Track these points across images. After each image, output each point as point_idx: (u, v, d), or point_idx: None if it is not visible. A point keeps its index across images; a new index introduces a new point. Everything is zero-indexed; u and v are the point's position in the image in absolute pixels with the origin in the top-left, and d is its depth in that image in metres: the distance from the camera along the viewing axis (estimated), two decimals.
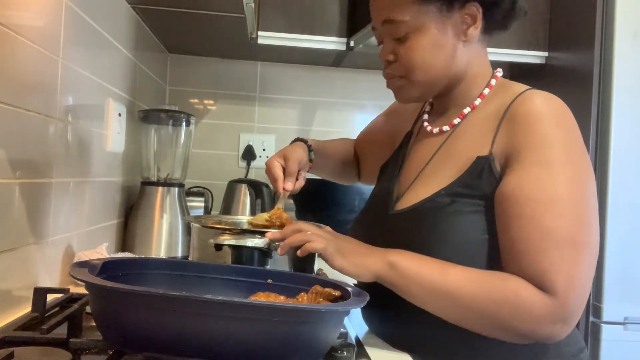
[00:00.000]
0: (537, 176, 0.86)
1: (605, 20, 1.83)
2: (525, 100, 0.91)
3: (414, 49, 0.95)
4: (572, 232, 0.85)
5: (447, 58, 0.96)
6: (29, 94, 1.02)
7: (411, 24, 0.93)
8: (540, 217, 0.85)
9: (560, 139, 0.88)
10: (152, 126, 1.79)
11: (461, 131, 0.99)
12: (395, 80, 1.00)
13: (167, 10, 1.68)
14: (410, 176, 1.03)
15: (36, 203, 1.07)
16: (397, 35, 0.95)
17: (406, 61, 0.96)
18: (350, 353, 0.84)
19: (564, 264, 0.84)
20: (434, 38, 0.94)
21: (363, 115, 2.43)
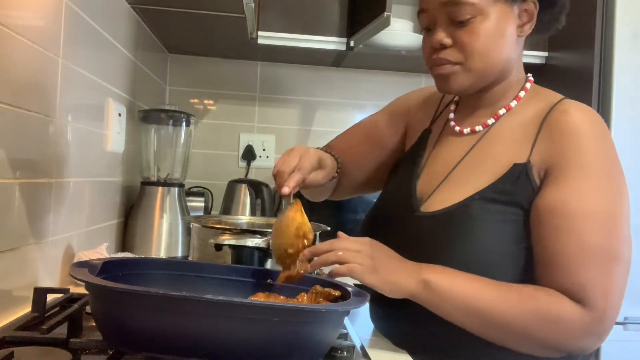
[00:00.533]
0: (579, 190, 0.86)
1: (605, 20, 1.83)
2: (565, 112, 0.91)
3: (477, 34, 0.91)
4: (610, 247, 0.85)
5: (505, 49, 0.94)
6: (29, 94, 1.02)
7: (477, 7, 0.90)
8: (580, 231, 0.85)
9: (602, 154, 0.90)
10: (152, 126, 1.79)
11: (495, 134, 0.97)
12: (448, 67, 0.93)
13: (167, 10, 1.68)
14: (436, 177, 0.99)
15: (36, 203, 1.07)
16: (459, 17, 0.90)
17: (467, 46, 0.91)
18: (350, 353, 0.84)
19: (601, 279, 0.84)
20: (496, 26, 0.91)
21: (363, 115, 2.42)
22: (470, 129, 0.99)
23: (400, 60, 2.18)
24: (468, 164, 0.96)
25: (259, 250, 1.08)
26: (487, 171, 0.93)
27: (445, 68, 0.94)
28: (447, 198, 0.95)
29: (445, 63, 0.93)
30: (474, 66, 0.92)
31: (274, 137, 2.36)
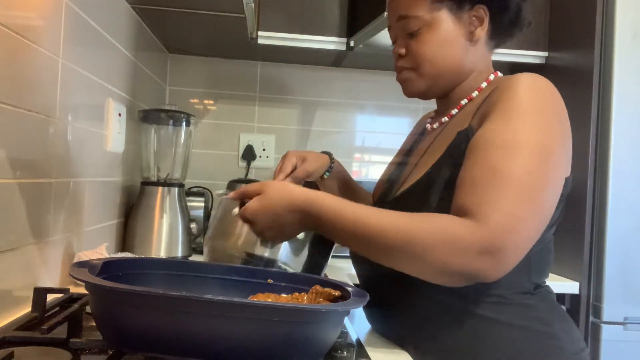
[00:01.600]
0: (499, 124, 0.88)
1: (605, 20, 1.83)
2: (510, 77, 0.94)
3: (424, 43, 1.01)
4: (523, 180, 0.83)
5: (455, 54, 1.01)
6: (29, 94, 1.02)
7: (423, 19, 1.00)
8: (493, 158, 0.85)
9: (531, 99, 0.89)
10: (152, 126, 1.79)
11: (455, 119, 1.03)
12: (404, 73, 1.05)
13: (167, 10, 1.68)
14: (409, 168, 1.08)
15: (36, 203, 1.07)
16: (410, 30, 1.01)
17: (416, 54, 1.02)
18: (350, 353, 0.84)
19: (504, 203, 0.82)
20: (443, 34, 1.00)
21: (363, 115, 2.43)
22: (439, 122, 1.07)
23: None
24: (431, 149, 1.03)
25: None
26: (442, 148, 0.98)
27: (403, 74, 1.05)
28: (411, 180, 1.02)
29: (403, 70, 1.05)
30: (425, 71, 1.02)
31: (274, 137, 2.36)
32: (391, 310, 0.99)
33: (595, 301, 1.82)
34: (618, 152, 1.80)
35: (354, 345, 0.88)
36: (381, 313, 1.03)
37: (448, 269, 0.83)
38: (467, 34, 1.01)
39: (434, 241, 0.82)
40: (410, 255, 0.84)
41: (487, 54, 1.06)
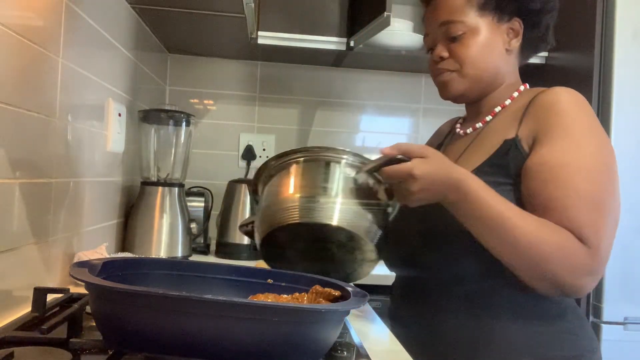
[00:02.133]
0: (562, 147, 0.96)
1: (605, 20, 1.83)
2: (549, 91, 1.03)
3: (468, 46, 1.07)
4: (600, 197, 0.94)
5: (494, 60, 1.09)
6: (29, 94, 1.02)
7: (468, 24, 1.07)
8: (573, 179, 0.94)
9: (583, 119, 0.99)
10: (152, 126, 1.79)
11: (491, 126, 1.10)
12: (446, 74, 1.10)
13: (167, 10, 1.68)
14: None
15: (36, 203, 1.07)
16: (453, 34, 1.08)
17: (459, 56, 1.08)
18: (350, 353, 0.84)
19: (595, 223, 0.92)
20: (485, 40, 1.07)
21: (363, 115, 2.43)
22: (472, 128, 1.14)
23: (400, 60, 2.18)
24: (468, 154, 1.10)
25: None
26: (483, 154, 1.04)
27: (444, 76, 1.10)
28: None
29: (444, 72, 1.10)
30: (466, 72, 1.08)
31: (274, 137, 2.36)
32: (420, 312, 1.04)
33: (595, 301, 1.82)
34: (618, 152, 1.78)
35: (354, 345, 0.88)
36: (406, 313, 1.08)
37: (556, 280, 0.92)
38: (504, 43, 1.09)
39: (555, 254, 0.91)
40: (530, 258, 0.92)
41: (516, 66, 1.14)
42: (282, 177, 1.07)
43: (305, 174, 1.04)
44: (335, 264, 1.08)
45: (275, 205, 1.04)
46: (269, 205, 1.07)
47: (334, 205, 0.99)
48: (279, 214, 1.02)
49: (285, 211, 1.01)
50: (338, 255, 1.06)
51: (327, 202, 1.00)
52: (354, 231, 1.00)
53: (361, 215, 1.00)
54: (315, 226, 1.00)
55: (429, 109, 2.43)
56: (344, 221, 0.99)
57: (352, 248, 1.05)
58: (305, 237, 1.05)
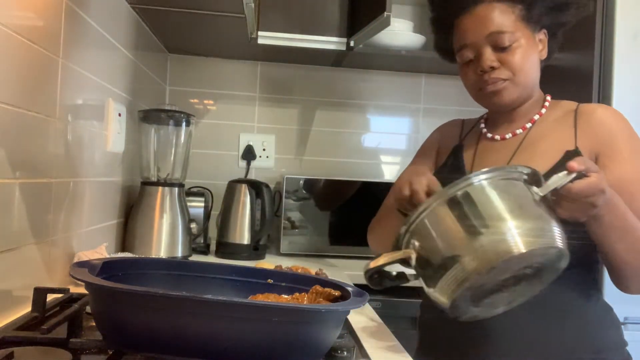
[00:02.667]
0: (634, 164, 1.07)
1: (605, 20, 1.83)
2: (593, 107, 1.14)
3: (519, 55, 1.12)
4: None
5: (535, 68, 1.16)
6: (29, 94, 1.02)
7: (516, 35, 1.11)
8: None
9: (636, 135, 1.11)
10: (152, 126, 1.79)
11: (535, 135, 1.15)
12: (499, 83, 1.13)
13: (167, 10, 1.68)
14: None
15: (36, 203, 1.07)
16: (502, 44, 1.11)
17: (512, 65, 1.11)
18: (350, 353, 0.84)
19: None
20: (529, 50, 1.13)
21: (363, 115, 2.43)
22: (512, 133, 1.18)
23: (400, 60, 2.18)
24: (521, 159, 1.12)
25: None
26: (542, 161, 1.07)
27: (497, 85, 1.13)
28: None
29: (497, 81, 1.13)
30: (520, 80, 1.13)
31: (274, 137, 2.36)
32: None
33: None
34: None
35: (354, 345, 0.88)
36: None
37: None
38: (538, 53, 1.15)
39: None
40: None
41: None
42: (466, 207, 0.87)
43: (501, 197, 0.88)
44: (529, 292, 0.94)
45: (477, 242, 0.84)
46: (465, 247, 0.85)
47: (554, 227, 0.87)
48: (490, 250, 0.83)
49: (501, 243, 0.83)
50: (533, 282, 0.93)
51: (543, 222, 0.87)
52: (566, 249, 0.89)
53: (562, 231, 0.89)
54: (542, 253, 0.87)
55: (429, 109, 2.43)
56: (565, 244, 0.88)
57: (548, 269, 0.92)
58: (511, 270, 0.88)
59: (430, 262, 0.87)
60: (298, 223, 2.09)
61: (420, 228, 0.89)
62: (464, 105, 2.44)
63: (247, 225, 1.94)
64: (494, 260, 0.83)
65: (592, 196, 0.89)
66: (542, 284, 0.92)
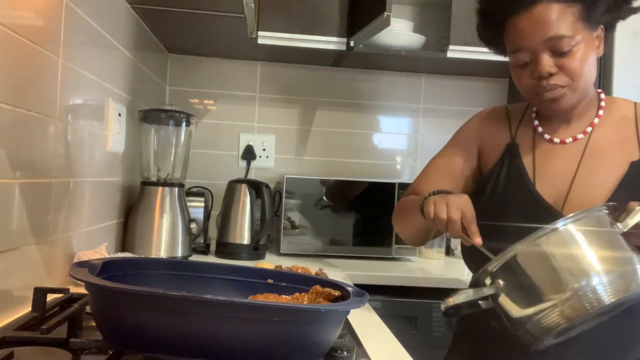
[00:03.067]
0: None
1: None
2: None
3: (579, 60, 1.06)
4: None
5: (594, 69, 1.10)
6: (29, 94, 1.02)
7: (575, 38, 1.05)
8: None
9: None
10: (152, 126, 1.79)
11: (598, 140, 1.12)
12: (558, 90, 1.08)
13: (167, 10, 1.68)
14: (557, 184, 1.11)
15: (36, 203, 1.07)
16: (562, 49, 1.05)
17: (572, 70, 1.06)
18: (350, 353, 0.84)
19: None
20: (589, 52, 1.08)
21: (363, 115, 2.43)
22: (573, 138, 1.14)
23: (400, 60, 2.18)
24: (586, 168, 1.10)
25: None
26: (608, 173, 1.08)
27: (556, 92, 1.08)
28: (583, 201, 1.06)
29: (556, 87, 1.08)
30: (579, 86, 1.08)
31: (274, 137, 2.36)
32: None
33: None
34: None
35: (354, 345, 0.88)
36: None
37: None
38: (596, 51, 1.10)
39: None
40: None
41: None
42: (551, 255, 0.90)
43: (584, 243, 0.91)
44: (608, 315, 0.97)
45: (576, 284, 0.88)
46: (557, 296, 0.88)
47: (635, 267, 0.90)
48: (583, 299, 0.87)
49: (592, 294, 0.87)
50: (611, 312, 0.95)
51: (630, 266, 0.90)
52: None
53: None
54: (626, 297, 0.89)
55: (429, 109, 2.43)
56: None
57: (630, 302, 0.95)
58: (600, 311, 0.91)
59: (517, 303, 0.92)
60: (298, 223, 2.09)
61: (506, 269, 0.93)
62: (464, 105, 2.44)
63: (247, 225, 1.94)
64: (588, 310, 0.86)
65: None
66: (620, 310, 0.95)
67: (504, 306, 0.93)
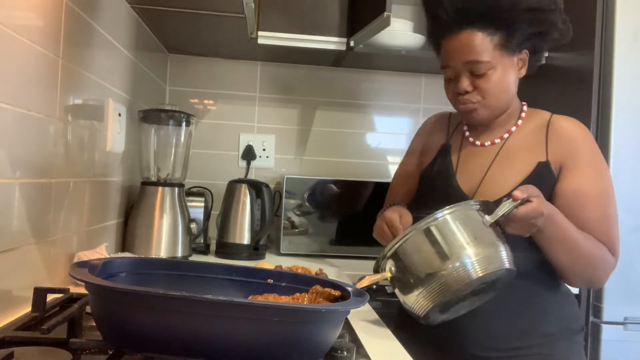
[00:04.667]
0: (588, 177, 1.21)
1: (605, 20, 1.83)
2: (561, 121, 1.27)
3: (491, 82, 1.23)
4: (615, 214, 1.24)
5: (510, 89, 1.26)
6: (29, 94, 1.02)
7: (491, 63, 1.22)
8: (603, 204, 1.22)
9: (594, 150, 1.25)
10: (152, 126, 1.79)
11: (511, 144, 1.28)
12: (470, 105, 1.26)
13: (167, 10, 1.68)
14: (473, 178, 1.29)
15: (36, 203, 1.07)
16: (478, 72, 1.22)
17: (484, 91, 1.24)
18: (350, 353, 0.84)
19: (617, 237, 1.23)
20: (504, 74, 1.23)
21: (363, 115, 2.43)
22: (491, 142, 1.31)
23: (400, 60, 2.18)
24: (497, 167, 1.27)
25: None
26: (516, 171, 1.24)
27: (469, 107, 1.26)
28: (493, 191, 1.24)
29: (468, 103, 1.26)
30: (489, 104, 1.25)
31: (274, 137, 2.36)
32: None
33: (595, 301, 1.82)
34: (618, 152, 1.80)
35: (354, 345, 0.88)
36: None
37: (596, 280, 1.26)
38: (516, 72, 1.26)
39: (600, 263, 1.21)
40: (585, 265, 1.20)
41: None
42: (433, 238, 1.08)
43: (457, 229, 1.08)
44: (488, 295, 1.15)
45: (446, 268, 1.06)
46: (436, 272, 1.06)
47: (500, 250, 1.08)
48: (455, 275, 1.05)
49: (463, 270, 1.05)
50: (491, 289, 1.13)
51: (494, 249, 1.08)
52: (515, 266, 1.10)
53: (510, 250, 1.10)
54: (494, 274, 1.07)
55: (428, 109, 2.43)
56: (512, 260, 1.09)
57: (502, 280, 1.12)
58: (471, 288, 1.09)
59: (405, 283, 1.10)
60: (298, 223, 2.09)
61: (397, 255, 1.10)
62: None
63: (247, 225, 1.94)
64: (458, 284, 1.05)
65: (533, 219, 1.09)
66: (496, 291, 1.13)
67: (396, 286, 1.12)
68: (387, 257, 1.12)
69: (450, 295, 1.06)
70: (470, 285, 1.06)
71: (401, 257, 1.10)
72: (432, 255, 1.07)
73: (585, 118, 1.82)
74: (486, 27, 1.20)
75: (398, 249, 1.10)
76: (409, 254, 1.09)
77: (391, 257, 1.11)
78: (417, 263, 1.08)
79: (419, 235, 1.08)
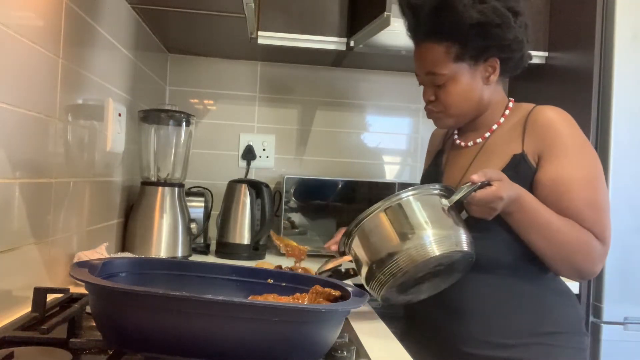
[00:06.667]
0: (568, 164, 1.17)
1: (605, 20, 1.83)
2: (540, 112, 1.23)
3: (450, 93, 1.25)
4: (601, 199, 1.18)
5: (474, 97, 1.26)
6: (29, 94, 1.02)
7: (448, 75, 1.23)
8: (582, 190, 1.17)
9: (576, 136, 1.20)
10: (152, 126, 1.79)
11: (492, 142, 1.28)
12: (434, 114, 1.30)
13: (167, 10, 1.68)
14: (456, 175, 1.32)
15: (36, 203, 1.07)
16: (437, 83, 1.25)
17: (444, 101, 1.26)
18: (350, 353, 0.84)
19: (601, 222, 1.17)
20: (464, 85, 1.24)
21: (363, 115, 2.43)
22: (473, 142, 1.32)
23: (400, 60, 2.18)
24: (477, 164, 1.28)
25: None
26: (493, 165, 1.22)
27: (433, 115, 1.31)
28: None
29: (432, 112, 1.30)
30: (451, 113, 1.27)
31: (274, 137, 2.36)
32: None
33: (595, 301, 1.82)
34: (618, 152, 1.79)
35: (354, 345, 0.88)
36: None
37: (580, 268, 1.18)
38: (484, 79, 1.25)
39: (581, 249, 1.16)
40: (565, 252, 1.16)
41: (498, 87, 1.30)
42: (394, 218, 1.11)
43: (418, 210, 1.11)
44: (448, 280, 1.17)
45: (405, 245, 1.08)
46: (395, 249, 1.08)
47: (459, 233, 1.10)
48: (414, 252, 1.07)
49: (421, 248, 1.07)
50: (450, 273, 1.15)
51: (452, 231, 1.10)
52: (473, 251, 1.11)
53: (469, 235, 1.12)
54: (450, 255, 1.08)
55: None
56: (470, 244, 1.11)
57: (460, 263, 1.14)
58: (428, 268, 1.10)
59: (365, 263, 1.11)
60: (298, 223, 2.09)
61: (357, 237, 1.13)
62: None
63: (247, 225, 1.94)
64: (413, 262, 1.06)
65: (491, 202, 1.09)
66: (458, 273, 1.14)
67: (358, 267, 1.13)
68: (348, 243, 1.15)
69: (407, 275, 1.07)
70: (425, 265, 1.07)
71: (361, 239, 1.13)
72: (389, 235, 1.09)
73: (585, 118, 1.82)
74: (442, 40, 1.22)
75: (357, 231, 1.13)
76: (368, 234, 1.11)
77: (353, 240, 1.14)
78: (376, 243, 1.10)
79: (377, 216, 1.11)
